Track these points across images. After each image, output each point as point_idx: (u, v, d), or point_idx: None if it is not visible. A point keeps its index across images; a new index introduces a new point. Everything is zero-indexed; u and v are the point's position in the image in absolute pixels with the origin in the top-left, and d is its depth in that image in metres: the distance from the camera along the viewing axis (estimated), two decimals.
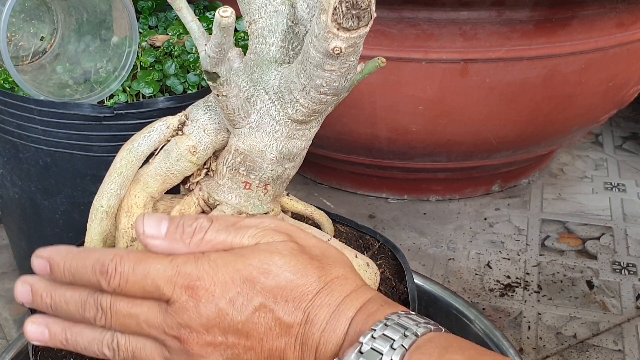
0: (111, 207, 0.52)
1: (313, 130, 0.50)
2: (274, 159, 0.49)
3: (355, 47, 0.41)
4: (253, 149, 0.49)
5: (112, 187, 0.52)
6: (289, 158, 0.50)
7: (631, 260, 1.10)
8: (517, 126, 1.10)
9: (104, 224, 0.52)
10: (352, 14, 0.38)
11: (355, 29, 0.38)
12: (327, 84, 0.43)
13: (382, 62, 0.48)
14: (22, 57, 0.88)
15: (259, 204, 0.51)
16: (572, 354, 0.92)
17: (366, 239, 0.66)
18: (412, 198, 1.27)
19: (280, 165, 0.50)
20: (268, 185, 0.51)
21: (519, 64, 1.02)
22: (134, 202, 0.52)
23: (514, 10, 0.96)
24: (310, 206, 0.58)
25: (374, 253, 0.64)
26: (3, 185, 0.91)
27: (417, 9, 0.96)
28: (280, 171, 0.50)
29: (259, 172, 0.50)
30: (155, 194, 0.53)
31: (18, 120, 0.81)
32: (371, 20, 0.38)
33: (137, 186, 0.52)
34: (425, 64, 1.01)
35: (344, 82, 0.43)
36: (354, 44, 0.40)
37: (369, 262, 0.56)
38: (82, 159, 0.82)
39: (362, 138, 1.13)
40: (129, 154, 0.52)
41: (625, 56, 1.07)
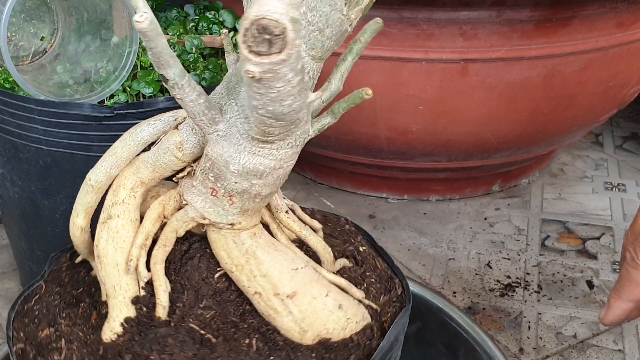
0: (98, 183, 0.54)
1: (284, 151, 0.47)
2: (235, 171, 0.48)
3: (275, 74, 0.37)
4: (219, 158, 0.48)
5: (103, 165, 0.54)
6: (255, 174, 0.48)
7: None
8: (517, 126, 1.10)
9: (89, 196, 0.54)
10: (263, 39, 0.35)
11: (266, 54, 0.35)
12: (262, 106, 0.40)
13: (367, 94, 0.47)
14: (23, 57, 0.88)
15: (223, 213, 0.51)
16: (572, 354, 0.92)
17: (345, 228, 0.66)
18: (412, 198, 1.27)
19: (245, 179, 0.48)
20: (233, 197, 0.50)
21: (519, 64, 1.02)
22: (122, 183, 0.53)
23: (514, 10, 0.96)
24: (307, 229, 0.55)
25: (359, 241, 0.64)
26: (3, 185, 0.91)
27: (417, 9, 0.96)
28: (246, 186, 0.49)
29: (224, 181, 0.49)
30: (145, 180, 0.53)
31: (18, 120, 0.81)
32: (287, 48, 0.35)
33: (129, 169, 0.54)
34: (425, 64, 1.01)
35: (280, 108, 0.40)
36: (271, 70, 0.36)
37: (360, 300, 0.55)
38: (82, 159, 0.82)
39: (362, 138, 1.13)
40: (129, 137, 0.53)
41: (625, 56, 1.07)
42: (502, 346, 0.93)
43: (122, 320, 0.52)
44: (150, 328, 0.52)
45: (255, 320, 0.53)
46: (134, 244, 0.53)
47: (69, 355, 0.51)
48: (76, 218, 0.55)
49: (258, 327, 0.53)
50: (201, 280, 0.55)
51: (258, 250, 0.52)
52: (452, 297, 1.02)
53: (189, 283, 0.55)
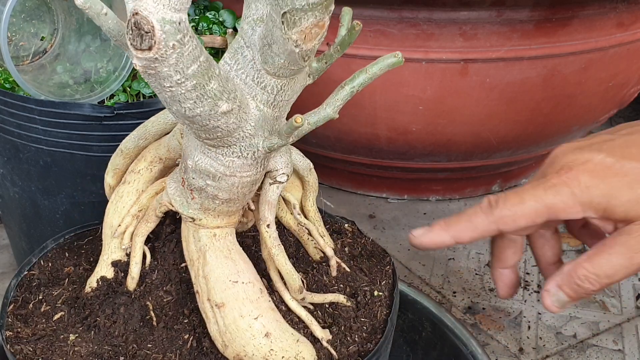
0: (126, 149, 0.59)
1: (229, 159, 0.47)
2: (190, 166, 0.49)
3: (157, 72, 0.37)
4: (185, 150, 0.49)
5: (133, 134, 0.58)
6: (208, 175, 0.48)
7: None
8: (517, 126, 1.10)
9: (117, 159, 0.59)
10: (138, 33, 0.35)
11: (140, 49, 0.36)
12: (167, 105, 0.41)
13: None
14: (23, 57, 0.88)
15: (186, 205, 0.51)
16: (572, 354, 0.92)
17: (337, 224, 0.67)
18: (412, 198, 1.27)
19: (200, 177, 0.49)
20: (193, 192, 0.50)
21: (519, 64, 1.02)
22: (144, 155, 0.58)
23: (514, 10, 0.96)
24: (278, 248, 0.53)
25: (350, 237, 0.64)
26: (3, 185, 0.91)
27: (417, 9, 0.96)
28: (201, 184, 0.49)
29: (186, 174, 0.50)
30: (162, 157, 0.57)
31: (18, 120, 0.81)
32: (155, 47, 0.36)
33: (154, 145, 0.58)
34: (425, 64, 1.01)
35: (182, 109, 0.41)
36: (150, 66, 0.37)
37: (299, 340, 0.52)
38: (82, 159, 0.82)
39: (362, 138, 1.13)
40: (161, 115, 0.58)
41: (625, 56, 1.07)
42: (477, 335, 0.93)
43: (99, 278, 0.56)
44: (114, 293, 0.55)
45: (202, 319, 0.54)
46: (129, 212, 0.56)
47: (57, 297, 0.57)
48: (107, 176, 0.60)
49: (202, 326, 0.53)
50: (172, 264, 0.57)
51: (209, 251, 0.52)
52: (452, 297, 1.02)
53: (162, 264, 0.57)
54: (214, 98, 0.40)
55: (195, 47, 0.38)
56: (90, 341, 0.53)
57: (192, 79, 0.39)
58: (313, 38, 0.39)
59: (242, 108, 0.44)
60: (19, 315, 0.56)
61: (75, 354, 0.52)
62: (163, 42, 0.36)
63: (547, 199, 0.46)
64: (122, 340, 0.53)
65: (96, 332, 0.53)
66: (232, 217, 0.52)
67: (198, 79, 0.39)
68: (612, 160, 0.46)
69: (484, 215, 0.48)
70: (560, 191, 0.46)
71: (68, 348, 0.52)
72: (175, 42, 0.36)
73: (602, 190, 0.46)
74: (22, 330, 0.54)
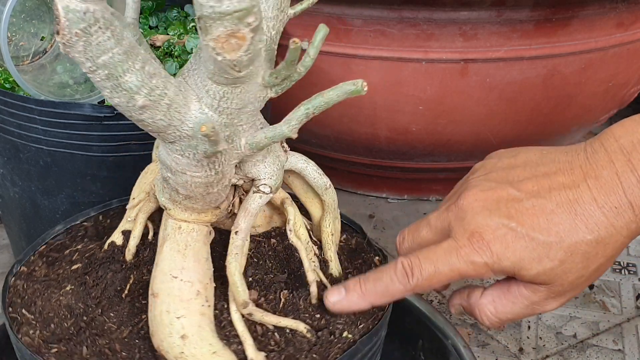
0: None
1: (174, 155, 0.47)
2: (157, 157, 0.50)
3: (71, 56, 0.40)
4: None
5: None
6: (167, 167, 0.49)
7: (631, 260, 1.10)
8: (517, 126, 1.10)
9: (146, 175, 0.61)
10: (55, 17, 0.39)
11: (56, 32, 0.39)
12: (104, 94, 0.43)
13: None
14: (23, 57, 0.88)
15: (160, 192, 0.52)
16: (572, 354, 0.92)
17: None
18: (412, 198, 1.27)
19: (163, 168, 0.49)
20: (163, 181, 0.51)
21: (519, 64, 1.02)
22: None
23: (514, 10, 0.96)
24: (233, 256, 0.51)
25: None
26: (3, 185, 0.91)
27: (417, 9, 0.96)
28: (164, 174, 0.50)
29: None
30: None
31: (18, 120, 0.81)
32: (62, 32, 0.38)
33: None
34: (425, 64, 1.01)
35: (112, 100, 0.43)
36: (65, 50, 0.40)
37: None
38: (82, 159, 0.82)
39: (362, 138, 1.13)
40: None
41: (625, 56, 1.07)
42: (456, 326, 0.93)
43: (110, 242, 0.59)
44: (112, 259, 0.58)
45: None
46: (142, 189, 0.58)
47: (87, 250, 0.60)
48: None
49: None
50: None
51: (167, 242, 0.52)
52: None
53: (155, 243, 0.58)
54: (130, 91, 0.41)
55: (108, 39, 0.39)
56: (74, 295, 0.56)
57: (104, 69, 0.40)
58: (234, 49, 0.39)
59: (174, 107, 0.44)
60: (49, 255, 0.60)
61: (55, 302, 0.55)
62: (67, 29, 0.38)
63: (461, 267, 0.49)
64: (95, 302, 0.55)
65: (82, 289, 0.56)
66: (202, 215, 0.52)
67: (110, 70, 0.40)
68: (522, 232, 0.47)
69: (401, 285, 0.50)
70: (474, 261, 0.48)
71: (56, 295, 0.56)
72: (79, 31, 0.38)
73: (513, 261, 0.48)
74: (39, 269, 0.58)
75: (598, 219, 0.46)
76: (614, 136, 0.47)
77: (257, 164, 0.51)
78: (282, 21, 0.47)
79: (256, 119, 0.48)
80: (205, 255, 0.52)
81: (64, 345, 0.52)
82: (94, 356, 0.50)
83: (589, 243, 0.47)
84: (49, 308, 0.55)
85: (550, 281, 0.48)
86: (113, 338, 0.52)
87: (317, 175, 0.57)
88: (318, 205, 0.59)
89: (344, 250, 0.62)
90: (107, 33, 0.39)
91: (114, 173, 0.83)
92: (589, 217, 0.46)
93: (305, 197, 0.60)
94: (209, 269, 0.52)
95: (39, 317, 0.54)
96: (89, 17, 0.38)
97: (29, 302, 0.56)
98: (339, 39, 1.01)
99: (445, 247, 0.49)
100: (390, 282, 0.50)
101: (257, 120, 0.48)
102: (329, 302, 0.52)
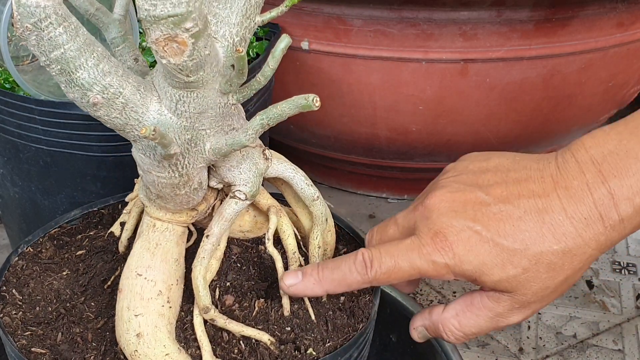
0: None
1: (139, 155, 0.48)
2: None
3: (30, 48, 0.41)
4: None
5: None
6: (138, 165, 0.49)
7: (631, 260, 1.10)
8: (517, 126, 1.10)
9: None
10: None
11: None
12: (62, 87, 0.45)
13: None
14: (23, 57, 0.88)
15: (141, 188, 0.53)
16: (572, 354, 0.92)
17: None
18: (412, 198, 1.27)
19: (137, 165, 0.50)
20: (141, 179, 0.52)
21: (519, 64, 1.02)
22: None
23: (514, 10, 0.96)
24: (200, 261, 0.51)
25: None
26: (3, 185, 0.91)
27: (417, 9, 0.96)
28: (139, 171, 0.50)
29: None
30: None
31: (18, 120, 0.81)
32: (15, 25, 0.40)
33: None
34: (425, 64, 1.01)
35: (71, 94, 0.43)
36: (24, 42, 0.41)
37: None
38: (82, 159, 0.82)
39: (362, 138, 1.13)
40: None
41: (625, 56, 1.07)
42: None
43: (109, 232, 0.61)
44: (106, 249, 0.60)
45: None
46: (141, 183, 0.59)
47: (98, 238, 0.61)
48: None
49: None
50: None
51: (140, 238, 0.52)
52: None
53: None
54: (82, 88, 0.42)
55: (59, 34, 0.40)
56: (67, 280, 0.57)
57: (57, 63, 0.41)
58: (177, 53, 0.39)
59: (130, 107, 0.44)
60: (60, 238, 0.62)
61: (47, 286, 0.56)
62: (19, 23, 0.39)
63: (421, 265, 0.48)
64: (81, 290, 0.56)
65: (75, 276, 0.57)
66: (176, 215, 0.52)
67: (62, 65, 0.41)
68: (487, 236, 0.47)
69: (359, 276, 0.49)
70: (435, 261, 0.47)
71: (50, 279, 0.57)
72: (30, 25, 0.39)
73: (475, 265, 0.47)
74: (46, 251, 0.60)
75: (566, 229, 0.45)
76: (584, 147, 0.47)
77: (231, 170, 0.51)
78: (247, 28, 0.46)
79: (224, 124, 0.48)
80: (175, 256, 0.52)
81: (41, 329, 0.53)
82: (65, 343, 0.52)
83: (555, 253, 0.46)
84: (39, 291, 0.56)
85: (513, 289, 0.47)
86: (88, 327, 0.53)
87: (305, 185, 0.55)
88: (309, 216, 0.58)
89: None
90: (59, 29, 0.40)
91: (114, 173, 0.83)
92: (557, 227, 0.46)
93: (297, 207, 0.58)
94: (176, 270, 0.52)
95: (27, 298, 0.55)
96: (40, 12, 0.39)
97: (22, 282, 0.57)
98: (339, 39, 1.01)
99: (408, 244, 0.48)
100: (348, 272, 0.50)
101: (225, 125, 0.48)
102: (284, 285, 0.51)
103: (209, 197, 0.53)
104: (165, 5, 0.37)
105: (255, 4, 0.46)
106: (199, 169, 0.49)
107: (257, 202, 0.56)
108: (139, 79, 0.45)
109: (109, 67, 0.43)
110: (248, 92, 0.46)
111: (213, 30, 0.45)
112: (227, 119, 0.48)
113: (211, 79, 0.44)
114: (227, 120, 0.48)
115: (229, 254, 0.57)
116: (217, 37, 0.45)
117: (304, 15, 1.01)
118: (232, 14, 0.45)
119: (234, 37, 0.46)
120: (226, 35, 0.45)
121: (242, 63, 0.42)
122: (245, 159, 0.51)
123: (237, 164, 0.51)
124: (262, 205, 0.56)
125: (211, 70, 0.43)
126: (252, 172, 0.51)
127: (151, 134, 0.40)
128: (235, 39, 0.46)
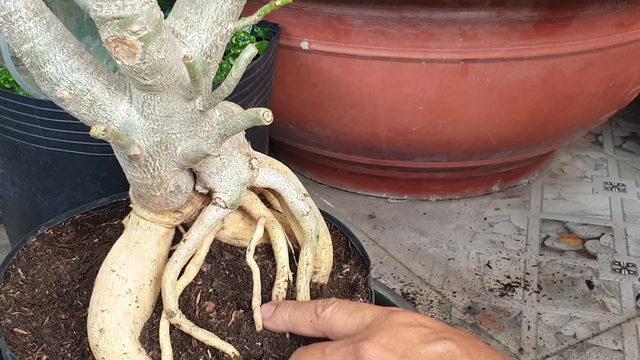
0: None
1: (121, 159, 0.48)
2: None
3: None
4: None
5: None
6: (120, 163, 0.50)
7: (631, 260, 1.10)
8: (517, 126, 1.10)
9: None
10: None
11: None
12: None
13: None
14: None
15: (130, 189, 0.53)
16: (572, 354, 0.92)
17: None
18: (412, 198, 1.27)
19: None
20: None
21: (519, 64, 1.02)
22: None
23: (514, 10, 0.96)
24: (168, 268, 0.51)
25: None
26: (3, 185, 0.91)
27: (417, 9, 0.96)
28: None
29: None
30: None
31: (18, 120, 0.81)
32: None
33: None
34: (425, 64, 1.01)
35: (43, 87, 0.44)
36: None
37: None
38: (82, 159, 0.82)
39: (362, 138, 1.13)
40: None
41: (625, 56, 1.07)
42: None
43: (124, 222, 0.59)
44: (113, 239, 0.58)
45: None
46: None
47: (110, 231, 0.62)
48: None
49: None
50: None
51: (122, 235, 0.52)
52: (452, 297, 1.02)
53: None
54: (50, 82, 0.43)
55: (29, 29, 0.41)
56: (72, 266, 0.58)
57: (27, 56, 0.42)
58: (128, 55, 0.39)
59: (98, 104, 0.44)
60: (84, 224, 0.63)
61: (52, 269, 0.57)
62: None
63: None
64: (79, 277, 0.57)
65: (80, 262, 0.58)
66: (159, 216, 0.52)
67: (32, 59, 0.42)
68: None
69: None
70: None
71: (59, 262, 0.58)
72: (1, 18, 0.40)
73: None
74: (67, 235, 0.61)
75: None
76: None
77: (212, 176, 0.50)
78: (219, 35, 0.46)
79: (199, 129, 0.47)
80: (153, 257, 0.51)
81: (33, 311, 0.53)
82: (49, 328, 0.52)
83: None
84: (43, 273, 0.57)
85: None
86: (75, 315, 0.53)
87: (295, 199, 0.53)
88: (301, 231, 0.56)
89: (339, 284, 0.58)
90: (29, 23, 0.41)
91: (114, 173, 0.83)
92: None
93: (290, 219, 0.56)
94: (152, 271, 0.51)
95: (30, 279, 0.56)
96: (9, 5, 0.40)
97: (31, 263, 0.57)
98: (339, 39, 1.01)
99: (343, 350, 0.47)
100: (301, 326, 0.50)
101: (200, 131, 0.47)
102: (263, 317, 0.52)
103: (195, 200, 0.53)
104: (110, 7, 0.37)
105: (227, 11, 0.45)
106: (172, 172, 0.48)
107: (249, 211, 0.55)
108: (115, 78, 0.45)
109: (79, 63, 0.43)
110: (213, 99, 0.45)
111: (182, 35, 0.44)
112: (203, 125, 0.47)
113: (172, 83, 0.43)
114: (202, 126, 0.47)
115: (220, 260, 0.56)
116: (186, 41, 0.45)
117: (304, 15, 1.01)
118: (202, 20, 0.44)
119: (202, 42, 0.45)
120: (194, 40, 0.45)
121: (192, 70, 0.41)
122: (227, 166, 0.50)
123: (217, 171, 0.50)
124: (254, 215, 0.55)
125: (171, 75, 0.42)
126: (232, 181, 0.50)
127: (101, 134, 0.40)
128: (204, 45, 0.45)
